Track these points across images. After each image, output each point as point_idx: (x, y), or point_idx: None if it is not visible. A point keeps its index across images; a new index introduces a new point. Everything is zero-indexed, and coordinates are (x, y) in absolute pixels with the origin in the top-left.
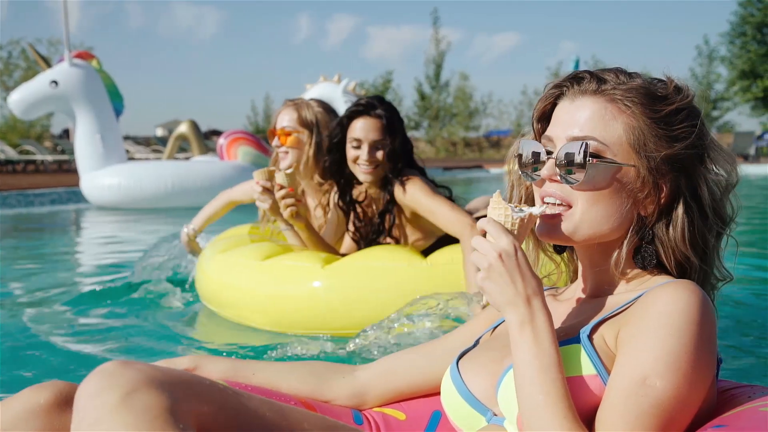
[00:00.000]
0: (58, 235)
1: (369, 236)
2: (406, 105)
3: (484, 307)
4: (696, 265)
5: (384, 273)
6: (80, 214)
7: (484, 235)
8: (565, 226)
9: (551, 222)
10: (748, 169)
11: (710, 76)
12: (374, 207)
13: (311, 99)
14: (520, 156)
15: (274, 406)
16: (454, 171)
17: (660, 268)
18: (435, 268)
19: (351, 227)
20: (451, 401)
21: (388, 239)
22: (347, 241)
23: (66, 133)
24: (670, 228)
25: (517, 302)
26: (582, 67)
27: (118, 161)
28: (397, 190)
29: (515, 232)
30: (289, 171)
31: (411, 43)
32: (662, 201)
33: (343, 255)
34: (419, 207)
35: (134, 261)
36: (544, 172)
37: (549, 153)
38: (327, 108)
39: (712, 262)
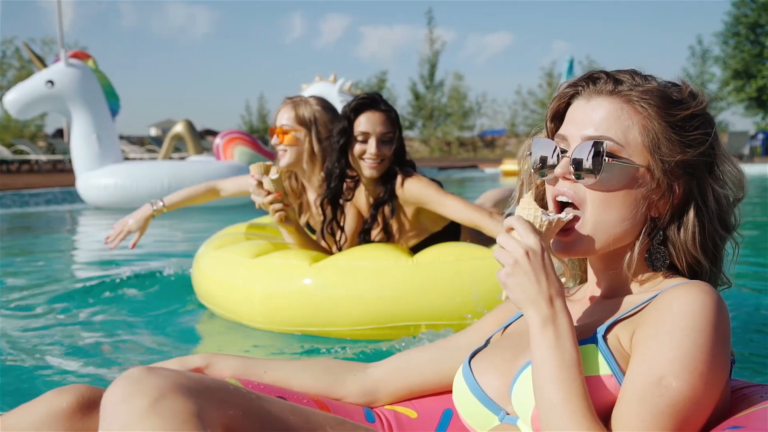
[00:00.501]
0: (54, 235)
1: (361, 233)
2: (400, 105)
3: (504, 301)
4: (706, 268)
5: (371, 271)
6: (76, 215)
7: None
8: (581, 239)
9: (566, 239)
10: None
11: (704, 76)
12: (366, 206)
13: (311, 96)
14: (531, 154)
15: (296, 409)
16: (450, 171)
17: (672, 270)
18: (421, 266)
19: (327, 229)
20: (463, 400)
21: (382, 234)
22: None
23: (59, 133)
24: (681, 230)
25: (540, 301)
26: (576, 67)
27: (115, 161)
28: (399, 186)
29: (542, 233)
30: (275, 177)
31: (403, 43)
32: (675, 203)
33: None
34: (428, 202)
35: (130, 261)
36: (558, 170)
37: (563, 152)
38: (326, 105)
39: (722, 265)
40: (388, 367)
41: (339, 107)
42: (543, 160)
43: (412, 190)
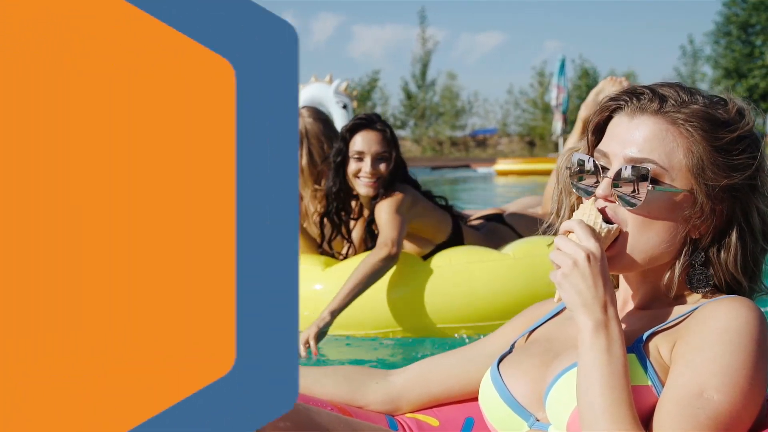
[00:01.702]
0: None
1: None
2: (392, 104)
3: (557, 301)
4: (746, 286)
5: (391, 273)
6: None
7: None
8: (619, 257)
9: (605, 254)
10: None
11: (695, 75)
12: (363, 218)
13: (302, 108)
14: (570, 168)
15: (342, 420)
16: (442, 170)
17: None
18: (433, 269)
19: (327, 246)
20: (491, 405)
21: None
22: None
23: None
24: (722, 252)
25: (594, 306)
26: (568, 67)
27: None
28: (377, 205)
29: (601, 239)
30: None
31: (395, 42)
32: (717, 224)
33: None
34: (378, 224)
35: None
36: (600, 191)
37: (604, 169)
38: (318, 116)
39: (759, 279)
40: (410, 374)
41: (335, 108)
42: (583, 175)
43: (377, 209)
